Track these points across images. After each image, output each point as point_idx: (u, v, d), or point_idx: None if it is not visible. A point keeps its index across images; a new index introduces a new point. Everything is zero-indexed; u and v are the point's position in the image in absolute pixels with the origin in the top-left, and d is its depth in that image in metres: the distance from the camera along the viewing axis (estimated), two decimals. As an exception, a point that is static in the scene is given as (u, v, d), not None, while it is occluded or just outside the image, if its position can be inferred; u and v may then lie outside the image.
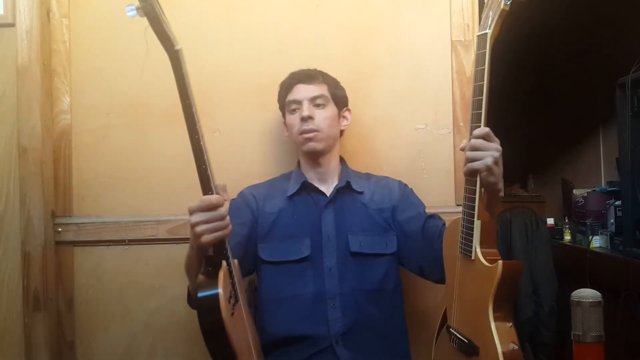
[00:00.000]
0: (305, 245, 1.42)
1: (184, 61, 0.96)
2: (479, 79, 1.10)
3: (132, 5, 0.89)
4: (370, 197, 1.49)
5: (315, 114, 1.45)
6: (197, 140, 0.99)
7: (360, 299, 1.40)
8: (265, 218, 1.46)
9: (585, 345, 1.15)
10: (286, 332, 1.39)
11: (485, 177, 1.11)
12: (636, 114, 1.94)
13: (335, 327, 1.38)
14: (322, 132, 1.45)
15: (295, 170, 1.53)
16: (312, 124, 1.44)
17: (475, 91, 1.11)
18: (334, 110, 1.49)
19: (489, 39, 1.09)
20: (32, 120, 1.56)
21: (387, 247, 1.45)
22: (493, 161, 1.09)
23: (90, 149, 1.66)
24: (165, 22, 0.93)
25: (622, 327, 1.89)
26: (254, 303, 1.48)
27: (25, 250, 1.56)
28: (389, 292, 1.44)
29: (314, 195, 1.48)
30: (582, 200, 2.54)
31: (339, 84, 1.53)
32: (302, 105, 1.45)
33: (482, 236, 1.14)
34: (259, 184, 1.55)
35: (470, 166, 1.12)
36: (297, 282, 1.41)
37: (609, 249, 2.28)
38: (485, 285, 1.10)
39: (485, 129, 1.10)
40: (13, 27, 1.56)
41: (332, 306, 1.39)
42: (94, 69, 1.66)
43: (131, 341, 1.65)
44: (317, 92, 1.46)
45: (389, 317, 1.43)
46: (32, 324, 1.55)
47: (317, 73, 1.50)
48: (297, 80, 1.48)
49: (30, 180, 1.56)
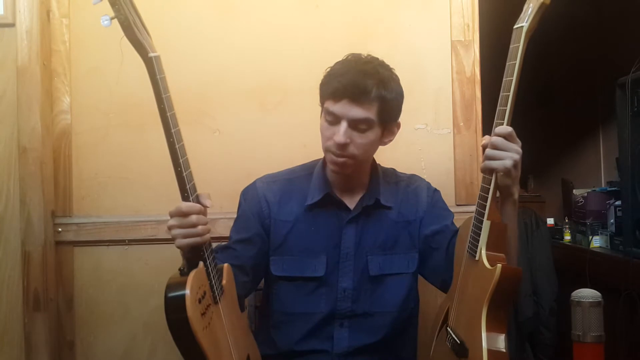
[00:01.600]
0: (320, 263, 1.32)
1: (159, 68, 0.99)
2: (509, 74, 1.05)
3: (106, 15, 0.94)
4: (398, 210, 1.37)
5: (353, 138, 1.23)
6: (173, 144, 1.02)
7: (372, 322, 1.33)
8: (278, 227, 1.35)
9: (585, 345, 1.15)
10: (290, 346, 1.34)
11: (502, 178, 1.09)
12: (636, 114, 1.94)
13: (340, 346, 1.32)
14: (355, 159, 1.26)
15: (319, 171, 1.37)
16: (346, 150, 1.24)
17: (503, 87, 1.06)
18: (377, 133, 1.26)
19: (524, 33, 1.04)
20: (32, 120, 1.56)
21: (409, 267, 1.36)
22: (512, 164, 1.06)
23: (90, 149, 1.66)
24: (139, 30, 0.96)
25: (622, 327, 1.89)
26: (255, 314, 1.47)
27: (25, 250, 1.55)
28: (408, 311, 1.37)
29: (336, 209, 1.34)
30: (582, 200, 2.55)
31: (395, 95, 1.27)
32: (340, 127, 1.22)
33: (491, 238, 1.09)
34: (276, 177, 1.41)
35: (488, 164, 1.08)
36: (310, 299, 1.33)
37: (609, 249, 2.28)
38: (483, 288, 1.07)
39: (508, 128, 1.07)
40: (13, 27, 1.56)
41: (339, 325, 1.32)
42: (94, 69, 1.65)
43: (131, 341, 1.65)
44: (362, 114, 1.22)
45: (403, 335, 1.38)
46: (32, 324, 1.55)
47: (370, 84, 1.21)
48: (345, 93, 1.21)
49: (30, 180, 1.56)
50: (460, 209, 1.66)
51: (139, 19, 0.97)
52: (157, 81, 0.99)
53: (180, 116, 1.04)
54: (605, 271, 2.14)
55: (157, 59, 0.99)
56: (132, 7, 0.96)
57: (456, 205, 1.67)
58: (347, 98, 1.22)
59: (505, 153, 1.07)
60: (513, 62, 1.05)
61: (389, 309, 1.34)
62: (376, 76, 1.24)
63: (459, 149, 1.68)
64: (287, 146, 1.66)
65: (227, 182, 1.61)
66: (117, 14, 0.92)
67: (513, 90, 1.05)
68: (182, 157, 1.04)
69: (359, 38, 1.69)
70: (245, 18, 1.68)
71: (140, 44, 0.97)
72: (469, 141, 1.68)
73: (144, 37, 0.98)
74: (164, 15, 1.66)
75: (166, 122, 1.01)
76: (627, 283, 1.91)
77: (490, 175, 1.09)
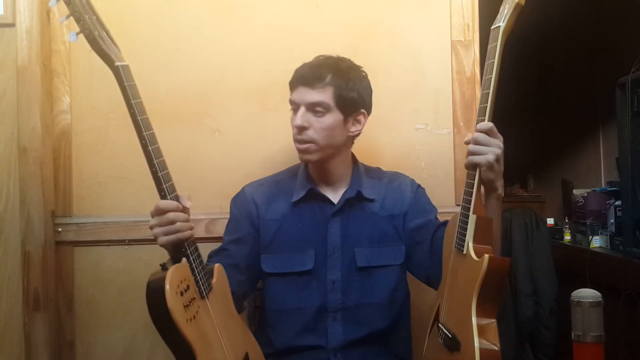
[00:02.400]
0: (309, 257, 1.36)
1: (127, 76, 1.06)
2: (488, 72, 1.10)
3: (73, 32, 1.05)
4: (381, 203, 1.41)
5: (311, 122, 1.30)
6: (146, 146, 1.08)
7: (365, 314, 1.36)
8: (267, 226, 1.39)
9: (585, 345, 1.15)
10: (286, 343, 1.36)
11: (485, 173, 1.13)
12: (636, 114, 1.94)
13: (334, 340, 1.35)
14: (317, 144, 1.31)
15: (302, 171, 1.43)
16: (306, 134, 1.31)
17: (483, 84, 1.12)
18: (337, 117, 1.31)
19: (502, 33, 1.09)
20: (32, 120, 1.56)
21: (396, 258, 1.39)
22: (494, 158, 1.11)
23: (90, 149, 1.66)
24: (104, 42, 1.05)
25: (622, 327, 1.89)
26: (256, 315, 1.48)
27: (25, 250, 1.55)
28: (398, 304, 1.40)
29: (321, 203, 1.39)
30: (582, 200, 2.55)
31: (354, 83, 1.33)
32: (299, 112, 1.31)
33: (477, 232, 1.13)
34: (263, 181, 1.48)
35: (471, 159, 1.13)
36: (301, 294, 1.36)
37: (609, 249, 2.28)
38: (472, 280, 1.10)
39: (489, 123, 1.11)
40: (13, 27, 1.56)
41: (332, 320, 1.35)
42: (94, 69, 1.65)
43: (131, 341, 1.64)
44: (317, 98, 1.29)
45: (395, 328, 1.40)
46: (32, 324, 1.55)
47: (325, 71, 1.31)
48: (299, 81, 1.32)
49: (30, 180, 1.56)
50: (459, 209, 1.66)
51: (104, 32, 1.06)
52: (125, 88, 1.06)
53: (180, 116, 1.04)
54: (605, 271, 2.14)
55: (124, 67, 1.06)
56: (98, 21, 1.05)
57: (456, 205, 1.67)
58: (301, 84, 1.32)
59: (487, 148, 1.11)
60: (492, 60, 1.10)
61: (379, 300, 1.37)
62: (333, 66, 1.32)
63: (459, 149, 1.68)
64: (287, 146, 1.66)
65: (227, 182, 1.61)
66: (82, 29, 1.03)
67: (493, 88, 1.10)
68: (156, 159, 1.09)
69: (359, 38, 1.69)
70: (245, 18, 1.68)
71: (106, 55, 1.05)
72: (469, 141, 1.68)
73: (110, 49, 1.06)
74: (164, 16, 1.66)
75: (138, 127, 1.07)
76: (627, 283, 1.91)
77: (474, 170, 1.14)
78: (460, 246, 1.16)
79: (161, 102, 1.64)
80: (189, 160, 1.66)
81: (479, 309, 1.09)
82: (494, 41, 1.10)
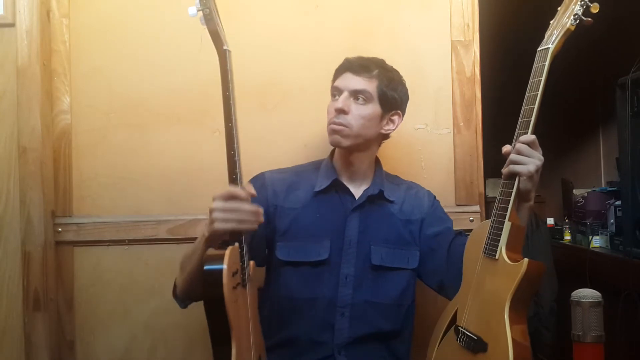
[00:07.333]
0: (324, 247, 1.37)
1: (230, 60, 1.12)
2: (534, 89, 1.16)
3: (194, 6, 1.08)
4: (400, 206, 1.43)
5: (351, 108, 1.34)
6: (231, 129, 1.13)
7: (372, 312, 1.36)
8: (285, 215, 1.40)
9: (585, 345, 1.15)
10: (292, 334, 1.36)
11: (524, 182, 1.17)
12: (636, 114, 1.94)
13: (340, 336, 1.35)
14: (351, 130, 1.34)
15: (326, 162, 1.45)
16: (344, 118, 1.34)
17: (528, 100, 1.17)
18: (377, 110, 1.36)
19: (550, 54, 1.17)
20: (32, 120, 1.56)
21: (409, 262, 1.40)
22: (535, 169, 1.15)
23: (90, 149, 1.65)
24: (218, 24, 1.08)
25: (622, 327, 1.89)
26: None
27: (25, 250, 1.56)
28: (404, 308, 1.40)
29: (342, 196, 1.41)
30: (582, 200, 2.54)
31: (397, 84, 1.40)
32: (341, 97, 1.35)
33: (510, 239, 1.17)
34: (284, 170, 1.48)
35: (512, 168, 1.17)
36: (314, 284, 1.36)
37: (609, 249, 2.28)
38: (505, 284, 1.13)
39: (532, 136, 1.16)
40: (13, 27, 1.56)
41: (340, 315, 1.35)
42: (94, 69, 1.65)
43: (131, 341, 1.64)
44: (362, 86, 1.34)
45: (399, 332, 1.40)
46: (32, 324, 1.55)
47: (373, 65, 1.37)
48: (347, 67, 1.37)
49: (30, 180, 1.56)
50: (459, 209, 1.66)
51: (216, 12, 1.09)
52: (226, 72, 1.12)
53: (180, 116, 1.04)
54: (605, 271, 2.14)
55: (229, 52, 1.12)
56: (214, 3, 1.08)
57: (456, 205, 1.67)
58: (349, 71, 1.36)
59: (529, 159, 1.16)
60: (539, 79, 1.16)
61: (388, 300, 1.38)
62: (380, 63, 1.39)
63: (459, 149, 1.68)
64: (288, 146, 1.66)
65: (227, 182, 1.61)
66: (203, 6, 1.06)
67: (537, 105, 1.15)
68: (236, 143, 1.14)
69: (359, 38, 1.69)
70: (245, 18, 1.68)
71: (218, 37, 1.09)
72: (469, 141, 1.68)
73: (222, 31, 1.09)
74: (164, 15, 1.66)
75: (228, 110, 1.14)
76: (627, 283, 1.91)
77: (512, 179, 1.17)
78: (491, 252, 1.19)
79: (161, 102, 1.64)
80: (189, 160, 1.66)
81: (511, 311, 1.13)
82: (542, 61, 1.17)
